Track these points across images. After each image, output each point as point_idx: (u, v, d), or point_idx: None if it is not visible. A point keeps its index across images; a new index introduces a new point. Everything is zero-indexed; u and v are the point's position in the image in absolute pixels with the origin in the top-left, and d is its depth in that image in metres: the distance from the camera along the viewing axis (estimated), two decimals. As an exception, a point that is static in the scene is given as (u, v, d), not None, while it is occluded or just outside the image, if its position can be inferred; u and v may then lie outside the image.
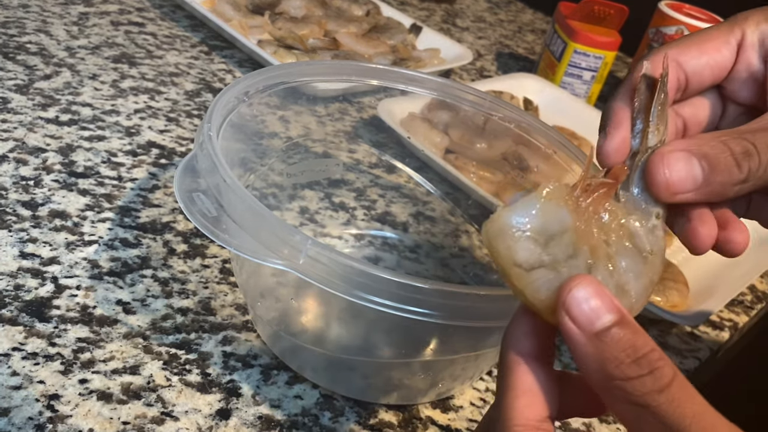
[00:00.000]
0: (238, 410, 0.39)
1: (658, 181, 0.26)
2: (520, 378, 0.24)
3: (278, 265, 0.31)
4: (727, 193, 0.27)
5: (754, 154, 0.26)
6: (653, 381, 0.21)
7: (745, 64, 0.30)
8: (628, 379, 0.21)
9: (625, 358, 0.21)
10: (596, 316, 0.22)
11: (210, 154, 0.34)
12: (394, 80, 0.45)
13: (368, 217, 0.56)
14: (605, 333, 0.22)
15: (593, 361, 0.22)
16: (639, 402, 0.21)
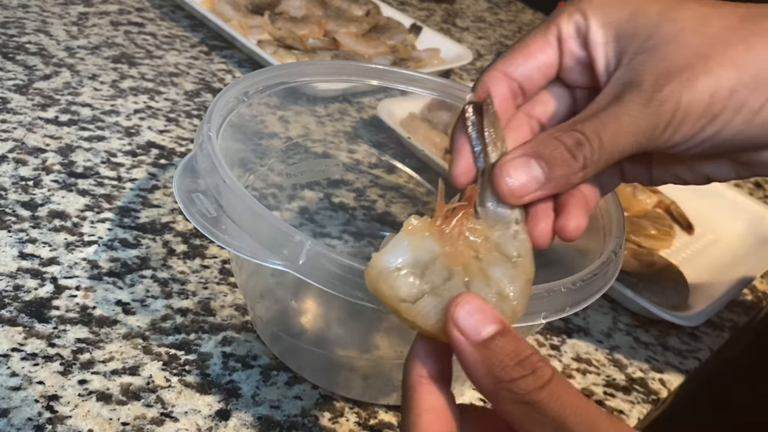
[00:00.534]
0: (238, 411, 0.38)
1: (503, 191, 0.29)
2: (422, 397, 0.25)
3: (278, 265, 0.31)
4: (571, 182, 0.29)
5: (584, 142, 0.28)
6: (535, 380, 0.23)
7: (569, 56, 0.32)
8: (513, 380, 0.23)
9: (509, 362, 0.23)
10: (481, 327, 0.24)
11: (209, 155, 0.34)
12: (394, 80, 0.45)
13: (368, 217, 0.56)
14: (490, 341, 0.24)
15: (481, 366, 0.24)
16: (524, 400, 0.23)
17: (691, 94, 0.28)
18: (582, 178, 0.29)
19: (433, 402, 0.25)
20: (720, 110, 0.28)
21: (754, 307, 0.60)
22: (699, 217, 0.66)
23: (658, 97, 0.28)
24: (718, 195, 0.68)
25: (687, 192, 0.69)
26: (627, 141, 0.29)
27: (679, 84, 0.28)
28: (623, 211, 0.38)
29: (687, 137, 0.29)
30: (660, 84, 0.28)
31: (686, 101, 0.28)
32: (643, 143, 0.29)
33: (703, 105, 0.28)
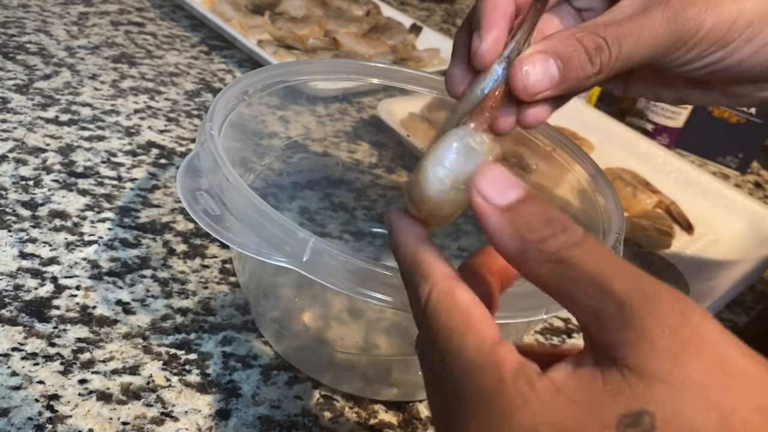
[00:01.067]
0: (238, 410, 0.38)
1: (517, 85, 0.29)
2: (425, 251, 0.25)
3: (282, 262, 0.31)
4: (583, 85, 0.30)
5: (605, 48, 0.29)
6: (566, 238, 0.22)
7: None
8: (543, 239, 0.22)
9: (537, 222, 0.22)
10: (505, 192, 0.23)
11: (212, 153, 0.34)
12: (394, 79, 0.45)
13: (368, 217, 0.56)
14: (515, 205, 0.23)
15: (508, 230, 0.22)
16: (555, 258, 0.21)
17: (716, 18, 0.30)
18: (594, 83, 0.30)
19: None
20: (734, 38, 0.30)
21: (754, 307, 0.60)
22: (699, 217, 0.66)
23: (684, 15, 0.29)
24: (718, 195, 0.68)
25: (687, 192, 0.69)
26: (644, 52, 0.30)
27: (706, 6, 0.29)
28: (623, 209, 0.38)
29: (698, 58, 0.31)
30: (688, 2, 0.29)
31: (709, 24, 0.30)
32: (656, 57, 0.30)
33: (723, 31, 0.30)
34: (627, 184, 0.67)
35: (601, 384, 0.20)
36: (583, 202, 0.42)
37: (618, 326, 0.20)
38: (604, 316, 0.20)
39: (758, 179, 0.82)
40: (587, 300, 0.21)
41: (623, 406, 0.19)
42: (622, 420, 0.19)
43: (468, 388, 0.22)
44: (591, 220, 0.40)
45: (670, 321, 0.19)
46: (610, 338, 0.20)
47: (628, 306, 0.20)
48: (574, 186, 0.43)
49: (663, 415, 0.18)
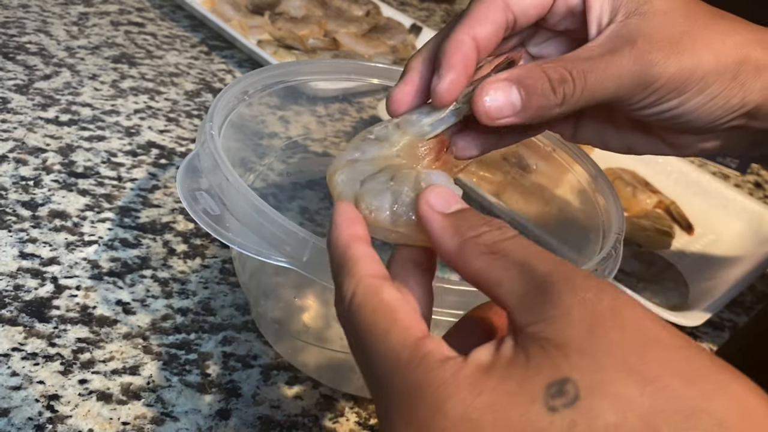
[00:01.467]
0: (238, 411, 0.38)
1: (479, 110, 0.30)
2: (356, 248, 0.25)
3: (282, 262, 0.31)
4: (545, 115, 0.31)
5: (569, 80, 0.30)
6: (501, 233, 0.23)
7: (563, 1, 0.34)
8: (480, 234, 0.23)
9: (478, 222, 0.24)
10: (451, 202, 0.25)
11: (212, 153, 0.34)
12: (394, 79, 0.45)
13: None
14: (458, 212, 0.25)
15: (449, 230, 0.24)
16: (489, 249, 0.23)
17: (677, 66, 0.31)
18: (557, 113, 0.31)
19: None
20: (690, 88, 0.32)
21: (754, 307, 0.60)
22: (699, 217, 0.66)
23: (649, 58, 0.31)
24: (718, 195, 0.68)
25: (687, 192, 0.69)
26: (609, 89, 0.31)
27: (670, 54, 0.31)
28: (623, 209, 0.38)
29: (656, 102, 0.32)
30: (652, 47, 0.31)
31: (670, 72, 0.31)
32: (620, 95, 0.32)
33: (681, 79, 0.32)
34: (627, 184, 0.67)
35: (524, 359, 0.20)
36: (583, 202, 0.42)
37: (538, 303, 0.21)
38: (527, 296, 0.21)
39: (758, 179, 0.82)
40: (512, 284, 0.22)
41: (546, 376, 0.19)
42: (548, 391, 0.19)
43: (395, 383, 0.22)
44: (591, 220, 0.40)
45: (588, 296, 0.20)
46: (530, 316, 0.21)
47: (548, 283, 0.21)
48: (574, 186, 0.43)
49: (585, 384, 0.19)
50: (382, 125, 0.31)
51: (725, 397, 0.19)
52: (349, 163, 0.29)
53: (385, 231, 0.27)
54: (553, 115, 0.31)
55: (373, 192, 0.28)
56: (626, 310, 0.20)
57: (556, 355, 0.20)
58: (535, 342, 0.20)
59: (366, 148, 0.30)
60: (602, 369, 0.19)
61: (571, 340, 0.20)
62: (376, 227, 0.27)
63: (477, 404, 0.20)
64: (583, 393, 0.19)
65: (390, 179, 0.28)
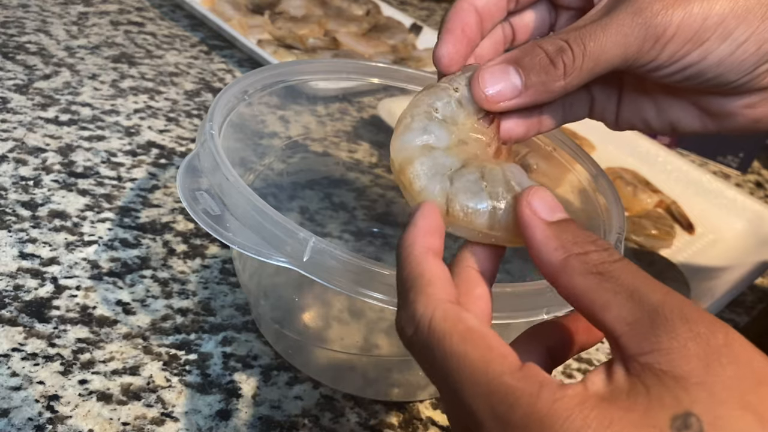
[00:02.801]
0: (238, 411, 0.38)
1: (477, 96, 0.29)
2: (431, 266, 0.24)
3: (282, 262, 0.31)
4: (551, 89, 0.29)
5: (567, 49, 0.29)
6: (609, 255, 0.23)
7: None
8: (587, 252, 0.23)
9: (584, 238, 0.23)
10: (555, 209, 0.24)
11: (212, 153, 0.34)
12: (394, 78, 0.45)
13: (368, 217, 0.56)
14: (563, 222, 0.24)
15: (553, 240, 0.23)
16: (596, 270, 0.22)
17: (685, 14, 0.29)
18: (563, 87, 0.29)
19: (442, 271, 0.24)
20: (708, 36, 0.29)
21: (755, 307, 0.60)
22: (700, 216, 0.66)
23: (651, 10, 0.28)
24: (718, 195, 0.68)
25: (688, 191, 0.69)
26: (614, 51, 0.29)
27: (672, 2, 0.29)
28: (623, 208, 0.38)
29: (672, 58, 0.30)
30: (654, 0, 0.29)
31: (678, 21, 0.29)
32: (629, 56, 0.29)
33: (694, 28, 0.29)
34: (627, 184, 0.67)
35: (644, 390, 0.20)
36: (584, 201, 0.42)
37: (651, 332, 0.20)
38: (638, 324, 0.21)
39: (759, 179, 0.82)
40: (621, 310, 0.21)
41: (670, 409, 0.19)
42: (673, 423, 0.19)
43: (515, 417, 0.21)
44: (592, 220, 0.40)
45: (701, 330, 0.20)
46: (644, 345, 0.20)
47: (661, 314, 0.20)
48: (575, 186, 0.43)
49: (708, 418, 0.19)
50: (444, 100, 0.30)
51: None
52: (424, 151, 0.28)
53: (475, 232, 0.26)
54: (560, 90, 0.30)
55: (469, 193, 0.26)
56: (738, 345, 0.20)
57: (676, 388, 0.19)
58: (651, 373, 0.20)
59: (436, 131, 0.29)
60: (723, 404, 0.19)
61: (688, 373, 0.20)
62: (467, 228, 0.26)
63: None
64: (706, 427, 0.19)
65: (481, 177, 0.27)
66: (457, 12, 0.31)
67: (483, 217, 0.26)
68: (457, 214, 0.26)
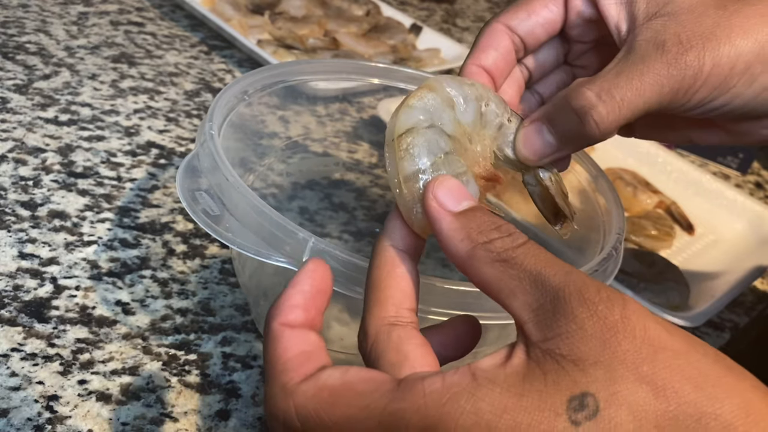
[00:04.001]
0: (238, 411, 0.38)
1: (523, 156, 0.31)
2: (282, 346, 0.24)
3: (282, 262, 0.31)
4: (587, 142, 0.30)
5: (597, 105, 0.29)
6: (512, 240, 0.23)
7: (575, 13, 0.33)
8: (491, 240, 0.23)
9: (488, 226, 0.24)
10: (459, 201, 0.25)
11: (212, 153, 0.34)
12: (394, 78, 0.45)
13: (368, 217, 0.56)
14: (468, 211, 0.25)
15: (459, 232, 0.24)
16: (501, 258, 0.23)
17: (715, 61, 0.29)
18: (599, 135, 0.30)
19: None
20: (735, 83, 0.30)
21: (754, 307, 0.60)
22: (699, 217, 0.66)
23: (684, 59, 0.29)
24: (718, 195, 0.68)
25: (687, 192, 0.69)
26: (649, 99, 0.29)
27: (704, 50, 0.29)
28: (623, 210, 0.38)
29: (701, 103, 0.30)
30: (685, 48, 0.29)
31: (708, 68, 0.29)
32: (664, 103, 0.30)
33: (723, 74, 0.29)
34: (627, 184, 0.67)
35: (541, 374, 0.20)
36: (584, 202, 0.42)
37: (552, 318, 0.21)
38: (540, 310, 0.22)
39: (759, 179, 0.82)
40: (526, 296, 0.22)
41: (567, 391, 0.20)
42: (570, 405, 0.20)
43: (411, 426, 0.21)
44: (591, 220, 0.40)
45: (599, 308, 0.21)
46: (546, 331, 0.21)
47: (561, 298, 0.21)
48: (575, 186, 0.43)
49: (604, 396, 0.20)
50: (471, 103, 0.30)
51: (732, 399, 0.19)
52: (430, 128, 0.28)
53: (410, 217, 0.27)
54: (596, 139, 0.30)
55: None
56: (635, 318, 0.20)
57: (574, 371, 0.20)
58: (550, 358, 0.21)
59: (447, 121, 0.29)
60: (618, 380, 0.20)
61: (586, 354, 0.20)
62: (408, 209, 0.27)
63: (501, 425, 0.20)
64: (602, 404, 0.20)
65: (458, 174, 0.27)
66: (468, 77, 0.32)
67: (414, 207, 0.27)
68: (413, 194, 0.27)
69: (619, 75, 0.29)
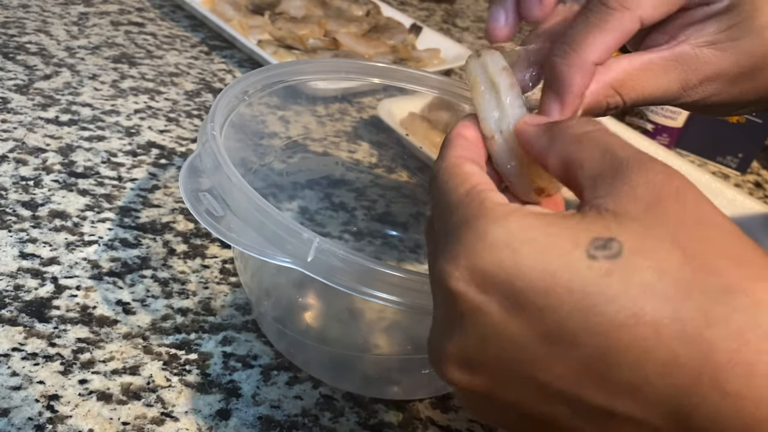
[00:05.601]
0: (238, 411, 0.38)
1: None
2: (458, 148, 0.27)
3: (286, 263, 0.31)
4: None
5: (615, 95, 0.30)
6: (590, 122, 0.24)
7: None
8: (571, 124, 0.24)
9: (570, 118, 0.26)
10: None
11: (214, 153, 0.34)
12: (395, 78, 0.45)
13: (368, 217, 0.56)
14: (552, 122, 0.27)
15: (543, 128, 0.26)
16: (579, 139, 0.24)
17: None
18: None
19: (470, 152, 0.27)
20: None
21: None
22: (699, 217, 0.66)
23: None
24: (718, 195, 0.68)
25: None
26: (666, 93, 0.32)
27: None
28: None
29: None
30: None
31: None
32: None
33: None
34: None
35: (579, 217, 0.21)
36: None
37: (608, 181, 0.22)
38: (600, 176, 0.22)
39: (758, 179, 0.82)
40: (592, 164, 0.22)
41: (595, 232, 0.20)
42: (593, 243, 0.20)
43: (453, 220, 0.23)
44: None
45: (658, 177, 0.21)
46: (599, 191, 0.22)
47: (623, 165, 0.22)
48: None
49: (630, 245, 0.20)
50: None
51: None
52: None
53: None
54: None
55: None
56: (691, 193, 0.21)
57: (611, 221, 0.20)
58: (595, 210, 0.21)
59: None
60: (651, 237, 0.20)
61: (628, 212, 0.20)
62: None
63: (520, 236, 0.21)
64: (626, 252, 0.20)
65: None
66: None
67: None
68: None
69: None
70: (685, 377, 0.18)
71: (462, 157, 0.26)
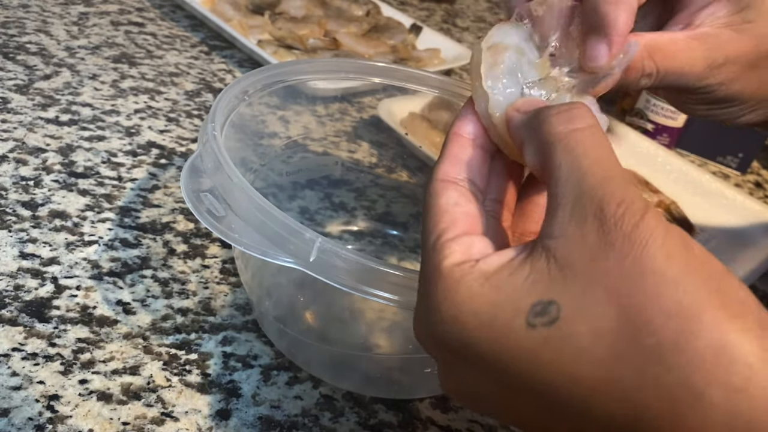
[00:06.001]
0: (238, 411, 0.38)
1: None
2: (455, 146, 0.28)
3: (289, 263, 0.31)
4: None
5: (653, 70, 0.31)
6: (580, 111, 0.23)
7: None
8: (559, 112, 0.24)
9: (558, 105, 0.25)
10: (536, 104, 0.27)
11: (215, 153, 0.34)
12: (394, 78, 0.45)
13: (368, 217, 0.56)
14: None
15: (528, 115, 0.25)
16: (558, 133, 0.23)
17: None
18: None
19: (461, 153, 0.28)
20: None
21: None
22: (699, 217, 0.66)
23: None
24: (718, 195, 0.68)
25: (687, 192, 0.69)
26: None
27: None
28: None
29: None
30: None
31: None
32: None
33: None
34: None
35: (527, 273, 0.21)
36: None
37: (568, 218, 0.21)
38: (561, 207, 0.22)
39: (758, 179, 0.82)
40: (558, 183, 0.22)
41: (538, 294, 0.21)
42: (534, 307, 0.20)
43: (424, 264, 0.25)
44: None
45: (609, 222, 0.20)
46: (554, 228, 0.21)
47: (583, 202, 0.21)
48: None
49: (568, 309, 0.20)
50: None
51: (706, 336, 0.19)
52: (517, 50, 0.29)
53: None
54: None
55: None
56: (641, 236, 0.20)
57: (555, 277, 0.21)
58: (545, 257, 0.21)
59: (530, 49, 0.29)
60: (589, 296, 0.20)
61: (574, 264, 0.20)
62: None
63: (465, 309, 0.22)
64: (563, 315, 0.20)
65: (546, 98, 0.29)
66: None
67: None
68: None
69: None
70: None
71: (445, 180, 0.26)
